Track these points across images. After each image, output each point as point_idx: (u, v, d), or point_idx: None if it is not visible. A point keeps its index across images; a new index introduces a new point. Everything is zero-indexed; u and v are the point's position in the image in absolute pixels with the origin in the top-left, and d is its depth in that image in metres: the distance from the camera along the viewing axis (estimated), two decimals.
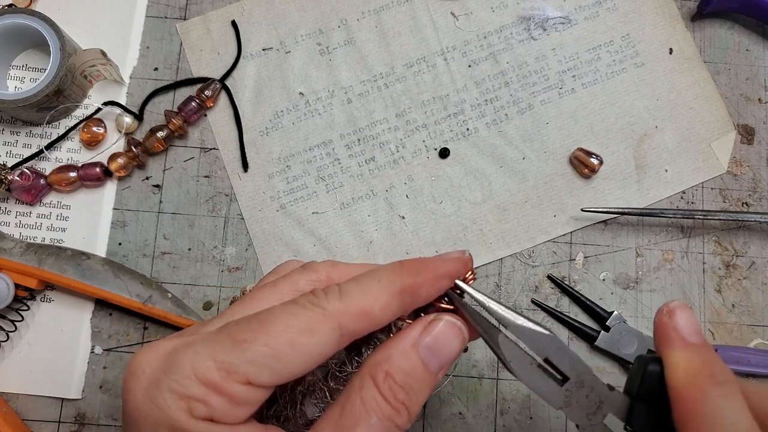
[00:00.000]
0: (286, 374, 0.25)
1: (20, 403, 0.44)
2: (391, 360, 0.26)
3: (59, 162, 0.47)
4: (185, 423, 0.23)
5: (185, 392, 0.23)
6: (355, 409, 0.25)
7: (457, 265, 0.29)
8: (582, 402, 0.28)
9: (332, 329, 0.25)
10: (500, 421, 0.44)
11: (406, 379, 0.26)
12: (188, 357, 0.24)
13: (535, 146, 0.48)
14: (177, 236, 0.47)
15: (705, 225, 0.47)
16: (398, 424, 0.25)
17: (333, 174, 0.48)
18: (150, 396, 0.24)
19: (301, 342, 0.25)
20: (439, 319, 0.28)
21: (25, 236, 0.46)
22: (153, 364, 0.25)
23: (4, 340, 0.44)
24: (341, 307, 0.26)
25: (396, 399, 0.25)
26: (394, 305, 0.27)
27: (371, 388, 0.25)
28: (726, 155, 0.48)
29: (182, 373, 0.24)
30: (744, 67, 0.50)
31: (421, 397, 0.26)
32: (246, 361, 0.24)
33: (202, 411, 0.23)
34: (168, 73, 0.49)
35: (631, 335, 0.44)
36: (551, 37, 0.49)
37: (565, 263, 0.47)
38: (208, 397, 0.23)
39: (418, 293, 0.27)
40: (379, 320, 0.27)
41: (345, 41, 0.49)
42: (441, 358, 0.27)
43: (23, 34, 0.45)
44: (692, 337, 0.27)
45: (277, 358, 0.24)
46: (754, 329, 0.46)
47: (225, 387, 0.23)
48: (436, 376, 0.27)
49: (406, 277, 0.27)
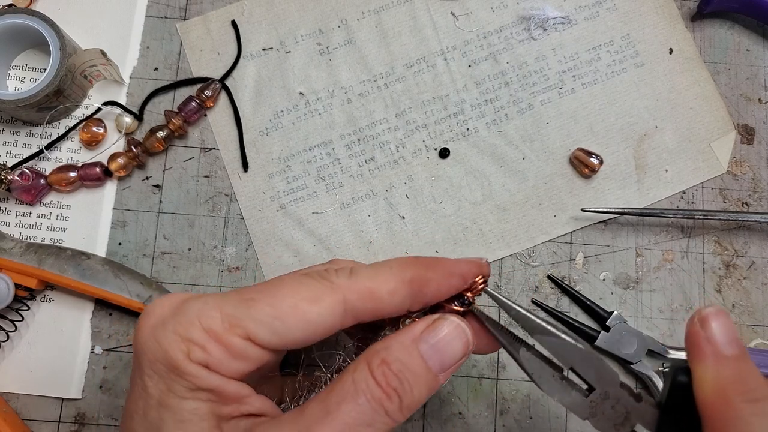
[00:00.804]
0: (285, 337, 0.25)
1: (20, 403, 0.44)
2: (389, 350, 0.26)
3: (59, 162, 0.47)
4: (181, 363, 0.24)
5: (187, 335, 0.24)
6: (345, 387, 0.25)
7: (472, 267, 0.29)
8: (608, 413, 0.27)
9: (337, 302, 0.26)
10: (500, 421, 0.44)
11: (402, 368, 0.26)
12: (197, 305, 0.25)
13: (535, 146, 0.48)
14: (177, 236, 0.47)
15: (705, 225, 0.47)
16: (388, 409, 0.25)
17: (333, 174, 0.48)
18: (154, 334, 0.25)
19: (304, 308, 0.25)
20: (444, 319, 0.28)
21: (25, 236, 0.46)
22: (165, 308, 0.26)
23: (4, 340, 0.44)
24: (348, 284, 0.26)
25: (388, 384, 0.25)
26: (402, 292, 0.27)
27: (364, 371, 0.25)
28: (726, 155, 0.48)
29: (187, 318, 0.25)
30: (744, 67, 0.50)
31: (417, 392, 0.26)
32: (249, 317, 0.25)
33: (199, 355, 0.24)
34: (168, 73, 0.49)
35: (631, 335, 0.44)
36: (551, 37, 0.49)
37: (565, 263, 0.47)
38: (207, 343, 0.24)
39: (427, 285, 0.27)
40: (385, 304, 0.27)
41: (345, 41, 0.49)
42: (442, 357, 0.27)
43: (23, 34, 0.45)
44: (727, 348, 0.25)
45: (279, 319, 0.25)
46: (754, 329, 0.46)
47: (225, 337, 0.24)
48: (435, 377, 0.27)
49: (418, 269, 0.28)
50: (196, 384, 0.24)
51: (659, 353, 0.44)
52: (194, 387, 0.24)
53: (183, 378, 0.24)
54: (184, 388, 0.24)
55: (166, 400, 0.24)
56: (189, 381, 0.24)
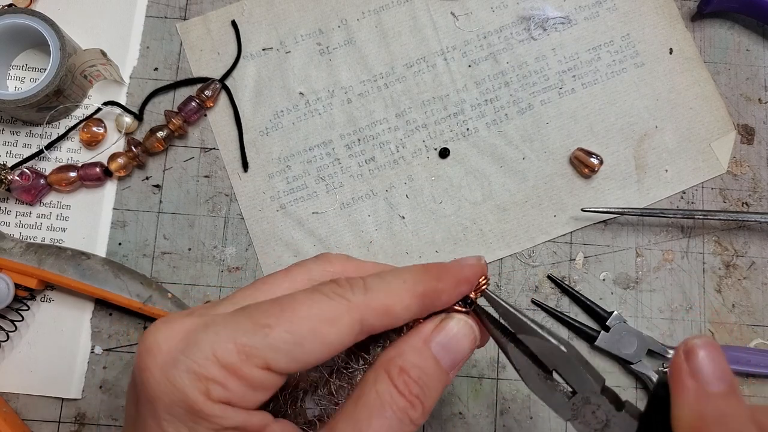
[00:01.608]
0: (304, 362, 0.25)
1: (20, 403, 0.44)
2: (404, 356, 0.26)
3: (59, 162, 0.47)
4: (202, 404, 0.23)
5: (204, 373, 0.23)
6: (370, 401, 0.25)
7: (476, 270, 0.29)
8: (589, 417, 0.28)
9: (354, 321, 0.25)
10: (500, 420, 0.44)
11: (420, 374, 0.26)
12: (209, 337, 0.24)
13: (535, 146, 0.48)
14: (177, 236, 0.47)
15: (705, 225, 0.47)
16: (412, 418, 0.26)
17: (333, 174, 0.48)
18: (167, 375, 0.23)
19: (323, 331, 0.25)
20: (451, 318, 0.28)
21: (25, 236, 0.46)
22: (171, 342, 0.24)
23: (4, 340, 0.44)
24: (365, 301, 0.26)
25: (411, 393, 0.26)
26: (414, 306, 0.27)
27: (386, 382, 0.26)
28: (726, 155, 0.48)
29: (202, 354, 0.23)
30: (744, 67, 0.50)
31: (435, 394, 0.26)
32: (267, 346, 0.23)
33: (220, 393, 0.23)
34: (168, 73, 0.49)
35: (631, 335, 0.44)
36: (551, 37, 0.49)
37: (565, 263, 0.47)
38: (226, 379, 0.23)
39: (439, 297, 0.28)
40: (399, 319, 0.27)
41: (345, 41, 0.49)
42: (453, 356, 0.27)
43: (23, 34, 0.45)
44: (713, 384, 0.24)
45: (299, 345, 0.24)
46: (754, 329, 0.46)
47: (244, 371, 0.23)
48: (447, 374, 0.27)
49: (430, 281, 0.28)
50: (221, 425, 0.23)
51: (659, 353, 0.44)
52: (219, 428, 0.23)
53: (207, 420, 0.23)
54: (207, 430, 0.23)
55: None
56: (214, 422, 0.23)
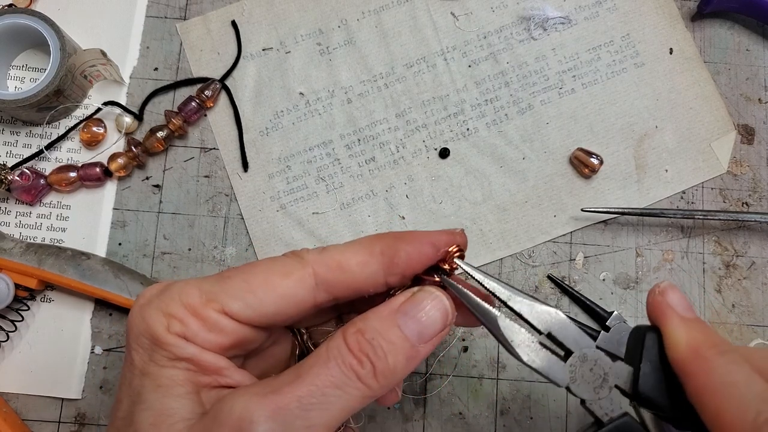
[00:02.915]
0: (259, 310, 0.27)
1: (20, 403, 0.44)
2: (366, 320, 0.27)
3: (59, 162, 0.47)
4: (161, 334, 0.26)
5: (168, 310, 0.27)
6: (319, 353, 0.26)
7: (443, 236, 0.30)
8: (587, 376, 0.28)
9: (307, 275, 0.28)
10: (500, 421, 0.44)
11: (376, 336, 0.26)
12: (179, 286, 0.28)
13: (535, 146, 0.48)
14: (177, 236, 0.46)
15: (705, 225, 0.47)
16: (359, 374, 0.25)
17: (333, 174, 0.48)
18: (141, 312, 0.27)
19: (276, 281, 0.27)
20: (423, 290, 0.28)
21: (25, 236, 0.46)
22: (154, 290, 0.28)
23: (4, 340, 0.44)
24: (318, 258, 0.28)
25: (360, 350, 0.26)
26: (372, 264, 0.28)
27: (338, 338, 0.26)
28: (726, 155, 0.48)
29: (169, 296, 0.27)
30: (744, 67, 0.50)
31: (392, 360, 0.26)
32: (223, 291, 0.27)
33: (178, 328, 0.26)
34: (168, 73, 0.49)
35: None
36: (551, 37, 0.49)
37: (565, 263, 0.47)
38: (185, 317, 0.26)
39: (398, 255, 0.28)
40: (356, 276, 0.28)
41: (345, 41, 0.49)
42: (420, 328, 0.27)
43: (23, 34, 0.45)
44: (687, 312, 0.28)
45: (251, 292, 0.27)
46: (754, 329, 0.46)
47: (201, 311, 0.27)
48: (413, 347, 0.27)
49: (388, 240, 0.29)
50: (174, 353, 0.26)
51: None
52: (173, 356, 0.26)
53: (163, 348, 0.26)
54: (165, 358, 0.26)
55: (147, 368, 0.26)
56: (168, 351, 0.26)
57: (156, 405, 0.26)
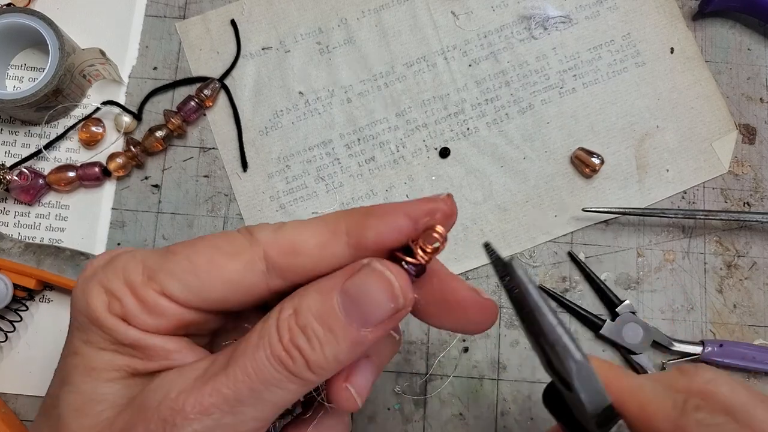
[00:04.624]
0: (201, 295, 0.23)
1: (19, 403, 0.44)
2: (304, 297, 0.23)
3: (58, 162, 0.47)
4: (100, 314, 0.23)
5: (108, 286, 0.24)
6: (250, 339, 0.23)
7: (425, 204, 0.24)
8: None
9: (257, 258, 0.24)
10: (501, 422, 0.44)
11: (310, 322, 0.22)
12: (124, 257, 0.25)
13: (535, 146, 0.48)
14: (176, 236, 0.46)
15: (706, 225, 0.47)
16: (291, 369, 0.22)
17: (333, 174, 0.47)
18: (83, 285, 0.24)
19: (221, 263, 0.24)
20: (368, 265, 0.23)
21: (23, 236, 0.46)
22: (101, 260, 0.25)
23: (3, 341, 0.44)
24: (271, 238, 0.24)
25: (291, 341, 0.22)
26: (334, 245, 0.24)
27: (272, 320, 0.23)
28: (727, 155, 0.48)
29: (113, 269, 0.24)
30: (745, 67, 0.50)
31: (330, 350, 0.22)
32: (164, 270, 0.23)
33: (117, 308, 0.23)
34: (167, 73, 0.48)
35: (638, 325, 0.44)
36: (552, 36, 0.49)
37: (566, 263, 0.47)
38: (124, 296, 0.23)
39: (365, 232, 0.24)
40: (315, 259, 0.24)
41: (345, 40, 0.49)
42: (364, 311, 0.22)
43: (22, 33, 0.45)
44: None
45: (194, 274, 0.23)
46: (755, 330, 0.46)
47: (141, 291, 0.23)
48: (356, 332, 0.22)
49: (355, 216, 0.24)
50: (115, 338, 0.23)
51: (664, 345, 0.44)
52: (113, 341, 0.23)
53: (102, 330, 0.23)
54: (103, 340, 0.23)
55: (81, 348, 0.24)
56: (108, 333, 0.23)
57: (84, 388, 0.23)
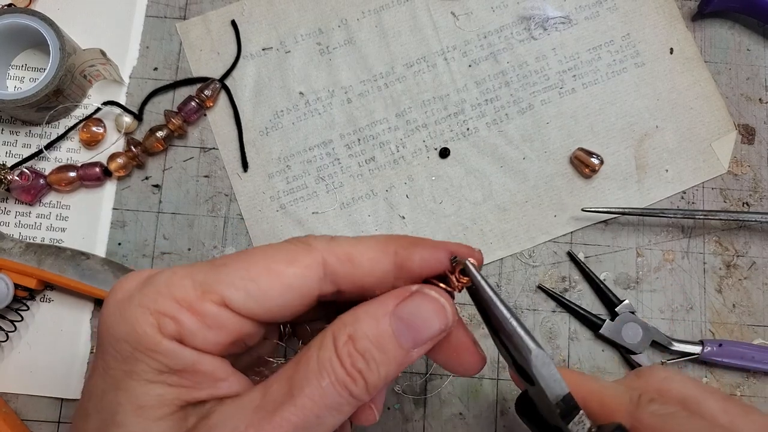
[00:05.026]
0: (262, 301, 0.23)
1: (20, 403, 0.44)
2: (358, 323, 0.24)
3: (59, 162, 0.47)
4: (151, 338, 0.22)
5: (155, 307, 0.22)
6: (309, 367, 0.23)
7: (464, 249, 0.27)
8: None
9: (315, 263, 0.24)
10: (501, 421, 0.44)
11: (369, 347, 0.23)
12: (165, 275, 0.23)
13: (535, 146, 0.48)
14: (176, 236, 0.46)
15: (705, 225, 0.47)
16: (353, 392, 0.23)
17: (333, 174, 0.48)
18: (120, 310, 0.23)
19: (280, 269, 0.24)
20: (421, 290, 0.25)
21: (24, 236, 0.46)
22: (132, 282, 0.24)
23: (4, 341, 0.44)
24: (328, 246, 0.25)
25: (353, 366, 0.23)
26: (384, 262, 0.25)
27: (329, 349, 0.23)
28: (727, 155, 0.48)
29: (155, 289, 0.23)
30: (744, 67, 0.50)
31: (384, 370, 0.24)
32: (221, 281, 0.23)
33: (171, 328, 0.22)
34: (167, 73, 0.49)
35: (637, 325, 0.44)
36: (552, 36, 0.49)
37: (566, 263, 0.47)
38: (179, 313, 0.22)
39: (411, 258, 0.26)
40: (366, 272, 0.25)
41: (345, 41, 0.49)
42: (415, 334, 0.24)
43: (23, 33, 0.45)
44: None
45: (254, 281, 0.23)
46: (754, 329, 0.46)
47: (198, 305, 0.22)
48: (407, 353, 0.24)
49: (403, 242, 0.26)
50: (167, 365, 0.22)
51: (664, 345, 0.44)
52: (165, 369, 0.22)
53: (152, 357, 0.22)
54: (151, 371, 0.22)
55: (125, 383, 0.22)
56: (160, 360, 0.22)
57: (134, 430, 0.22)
